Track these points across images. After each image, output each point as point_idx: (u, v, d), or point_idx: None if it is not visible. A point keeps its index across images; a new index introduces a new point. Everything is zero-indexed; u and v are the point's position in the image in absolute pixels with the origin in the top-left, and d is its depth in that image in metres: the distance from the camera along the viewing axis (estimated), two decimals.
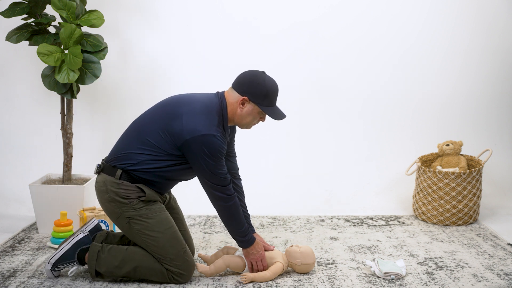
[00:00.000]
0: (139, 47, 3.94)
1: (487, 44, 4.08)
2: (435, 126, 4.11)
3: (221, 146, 2.42)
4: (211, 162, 2.40)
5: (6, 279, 2.58)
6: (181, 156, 2.46)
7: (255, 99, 2.47)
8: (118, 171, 2.48)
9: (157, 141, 2.45)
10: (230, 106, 2.50)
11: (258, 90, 2.46)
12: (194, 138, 2.37)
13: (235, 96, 2.49)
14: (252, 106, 2.49)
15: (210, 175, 2.43)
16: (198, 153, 2.38)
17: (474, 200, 3.42)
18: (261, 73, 2.50)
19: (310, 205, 3.75)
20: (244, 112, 2.50)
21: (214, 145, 2.39)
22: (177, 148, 2.43)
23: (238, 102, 2.48)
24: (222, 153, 2.44)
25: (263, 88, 2.46)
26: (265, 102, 2.48)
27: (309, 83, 4.03)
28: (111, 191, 2.48)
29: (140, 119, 2.58)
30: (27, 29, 3.21)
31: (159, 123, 2.46)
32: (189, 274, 2.53)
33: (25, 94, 3.92)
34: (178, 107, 2.48)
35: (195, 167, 2.45)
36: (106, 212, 2.56)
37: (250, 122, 2.55)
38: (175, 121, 2.43)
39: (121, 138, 2.59)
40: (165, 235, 2.49)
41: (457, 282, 2.59)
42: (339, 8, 4.00)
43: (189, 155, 2.42)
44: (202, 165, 2.41)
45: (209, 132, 2.38)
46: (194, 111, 2.43)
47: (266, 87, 2.46)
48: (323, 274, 2.67)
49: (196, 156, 2.40)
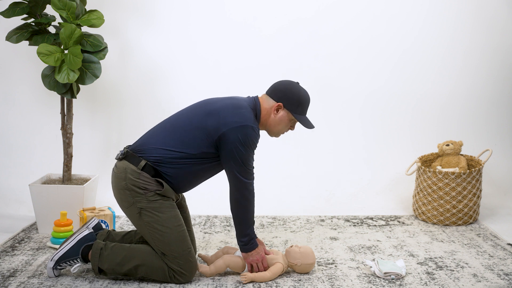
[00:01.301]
0: (139, 47, 3.95)
1: (487, 44, 4.08)
2: (435, 126, 4.11)
3: (256, 138, 2.49)
4: (243, 151, 2.45)
5: (6, 279, 2.58)
6: (214, 154, 2.51)
7: (289, 106, 2.56)
8: (142, 161, 2.50)
9: (191, 140, 2.49)
10: (264, 111, 2.58)
11: (293, 98, 2.56)
12: (231, 129, 2.43)
13: (270, 102, 2.58)
14: (286, 113, 2.58)
15: (240, 165, 2.47)
16: (233, 142, 2.43)
17: (474, 200, 3.42)
18: (296, 83, 2.62)
19: (310, 205, 3.75)
20: (277, 118, 2.58)
21: (250, 136, 2.45)
22: (212, 144, 2.47)
23: (273, 108, 2.57)
24: (255, 145, 2.50)
25: (297, 97, 2.57)
26: (298, 110, 2.58)
27: (309, 83, 4.02)
28: (129, 179, 2.49)
29: (175, 117, 2.62)
30: (27, 29, 3.21)
31: (195, 122, 2.51)
32: (191, 275, 2.53)
33: (25, 94, 3.92)
34: (213, 106, 2.54)
35: (226, 158, 2.47)
36: (117, 198, 2.57)
37: (281, 130, 2.63)
38: (211, 117, 2.48)
39: (152, 132, 2.61)
40: (173, 232, 2.50)
41: (457, 282, 2.59)
42: (338, 7, 4.00)
43: (224, 146, 2.46)
44: (234, 154, 2.44)
45: (246, 123, 2.45)
46: (231, 107, 2.51)
47: (300, 96, 2.57)
48: (323, 274, 2.67)
49: (230, 145, 2.44)
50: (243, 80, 3.93)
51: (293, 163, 4.05)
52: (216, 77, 3.98)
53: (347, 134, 4.10)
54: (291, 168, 4.03)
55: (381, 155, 4.08)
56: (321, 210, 3.70)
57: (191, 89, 3.96)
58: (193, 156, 2.50)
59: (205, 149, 2.49)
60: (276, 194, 3.84)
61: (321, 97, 4.04)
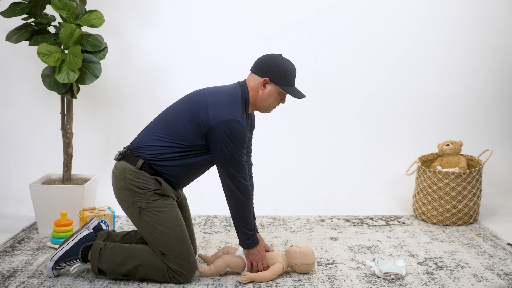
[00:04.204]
0: (139, 47, 3.95)
1: (487, 44, 4.08)
2: (435, 126, 4.11)
3: (244, 132, 2.47)
4: (232, 146, 2.44)
5: (6, 279, 2.58)
6: (205, 146, 2.51)
7: (275, 79, 2.54)
8: (139, 161, 2.51)
9: (183, 133, 2.49)
10: (252, 91, 2.57)
11: (278, 71, 2.53)
12: (219, 124, 2.43)
13: (256, 79, 2.56)
14: (273, 87, 2.56)
15: (231, 160, 2.46)
16: (221, 137, 2.43)
17: (474, 200, 3.42)
18: (279, 55, 2.59)
19: (310, 205, 3.75)
20: (265, 93, 2.56)
21: (237, 130, 2.44)
22: (202, 136, 2.48)
23: (259, 84, 2.55)
24: (244, 140, 2.48)
25: (282, 69, 2.54)
26: (285, 82, 2.55)
27: (309, 83, 4.03)
28: (128, 179, 2.50)
29: (166, 112, 2.63)
30: (27, 29, 3.21)
31: (186, 115, 2.51)
32: (190, 275, 2.53)
33: (25, 94, 3.92)
34: (203, 99, 2.53)
35: (216, 152, 2.47)
36: (118, 198, 2.57)
37: (271, 104, 2.61)
38: (201, 111, 2.48)
39: (146, 129, 2.62)
40: (173, 232, 2.50)
41: (457, 282, 2.59)
42: (338, 7, 4.00)
43: (212, 141, 2.46)
44: (224, 149, 2.44)
45: (233, 117, 2.44)
46: (220, 101, 2.49)
47: (285, 68, 2.54)
48: (323, 274, 2.67)
49: (218, 140, 2.44)
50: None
51: (293, 163, 4.05)
52: (216, 77, 3.97)
53: (347, 134, 4.10)
54: (291, 168, 4.03)
55: (381, 155, 4.08)
56: (321, 210, 3.70)
57: (191, 89, 3.90)
58: (186, 149, 2.50)
59: (196, 141, 2.49)
60: (276, 194, 3.84)
61: (321, 97, 4.04)
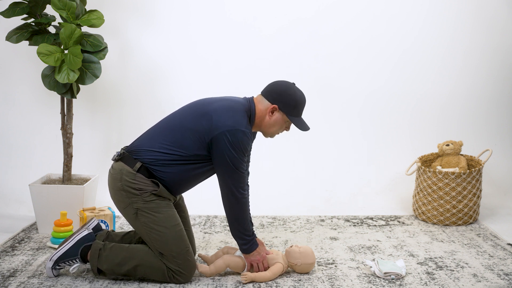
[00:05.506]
0: (139, 47, 3.94)
1: (487, 44, 4.08)
2: (435, 126, 4.11)
3: (247, 142, 2.46)
4: (235, 155, 2.42)
5: (6, 279, 2.58)
6: (206, 157, 2.49)
7: (285, 108, 2.54)
8: (137, 163, 2.50)
9: (184, 141, 2.48)
10: (259, 113, 2.56)
11: (289, 100, 2.53)
12: (222, 133, 2.41)
13: (265, 104, 2.55)
14: (281, 115, 2.56)
15: (231, 169, 2.44)
16: (224, 145, 2.41)
17: (474, 200, 3.42)
18: (292, 84, 2.58)
19: (310, 205, 3.75)
20: (272, 120, 2.56)
21: (241, 140, 2.42)
22: (204, 146, 2.46)
23: (268, 110, 2.55)
24: (247, 149, 2.48)
25: (293, 99, 2.54)
26: (293, 112, 2.55)
27: (309, 83, 4.03)
28: (125, 180, 2.49)
29: (170, 118, 2.61)
30: (27, 29, 3.21)
31: (189, 123, 2.50)
32: (189, 274, 2.53)
33: (25, 94, 3.92)
34: (207, 107, 2.52)
35: (217, 160, 2.46)
36: (114, 199, 2.57)
37: (276, 131, 2.61)
38: (204, 119, 2.47)
39: (147, 133, 2.61)
40: (171, 232, 2.50)
41: (457, 282, 2.59)
42: (338, 7, 4.00)
43: (215, 149, 2.44)
44: (226, 157, 2.42)
45: (238, 127, 2.43)
46: (224, 109, 2.48)
47: (296, 98, 2.54)
48: (323, 274, 2.67)
49: (221, 149, 2.42)
50: (243, 80, 3.92)
51: (293, 163, 4.05)
52: (216, 77, 3.98)
53: (347, 134, 4.10)
54: (291, 168, 4.03)
55: (381, 155, 4.08)
56: (321, 210, 3.70)
57: (191, 89, 3.96)
58: (186, 158, 2.49)
59: (198, 151, 2.47)
60: (276, 194, 3.84)
61: (321, 97, 4.04)
